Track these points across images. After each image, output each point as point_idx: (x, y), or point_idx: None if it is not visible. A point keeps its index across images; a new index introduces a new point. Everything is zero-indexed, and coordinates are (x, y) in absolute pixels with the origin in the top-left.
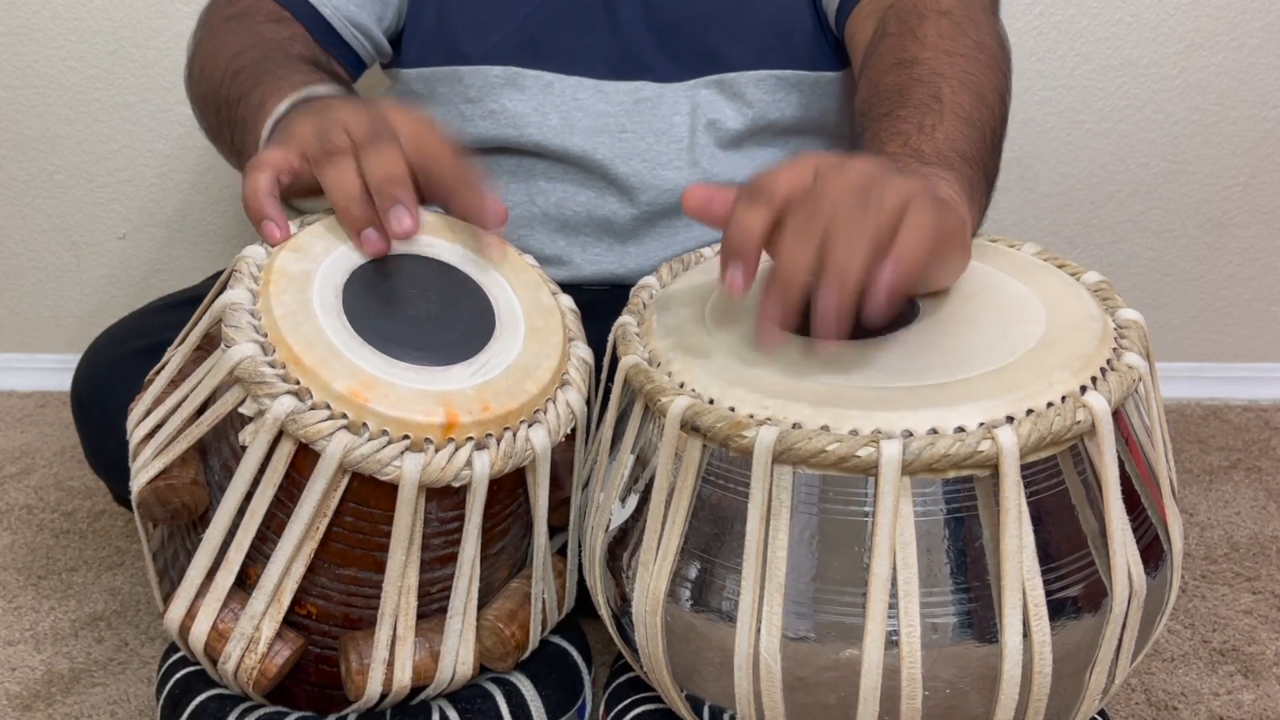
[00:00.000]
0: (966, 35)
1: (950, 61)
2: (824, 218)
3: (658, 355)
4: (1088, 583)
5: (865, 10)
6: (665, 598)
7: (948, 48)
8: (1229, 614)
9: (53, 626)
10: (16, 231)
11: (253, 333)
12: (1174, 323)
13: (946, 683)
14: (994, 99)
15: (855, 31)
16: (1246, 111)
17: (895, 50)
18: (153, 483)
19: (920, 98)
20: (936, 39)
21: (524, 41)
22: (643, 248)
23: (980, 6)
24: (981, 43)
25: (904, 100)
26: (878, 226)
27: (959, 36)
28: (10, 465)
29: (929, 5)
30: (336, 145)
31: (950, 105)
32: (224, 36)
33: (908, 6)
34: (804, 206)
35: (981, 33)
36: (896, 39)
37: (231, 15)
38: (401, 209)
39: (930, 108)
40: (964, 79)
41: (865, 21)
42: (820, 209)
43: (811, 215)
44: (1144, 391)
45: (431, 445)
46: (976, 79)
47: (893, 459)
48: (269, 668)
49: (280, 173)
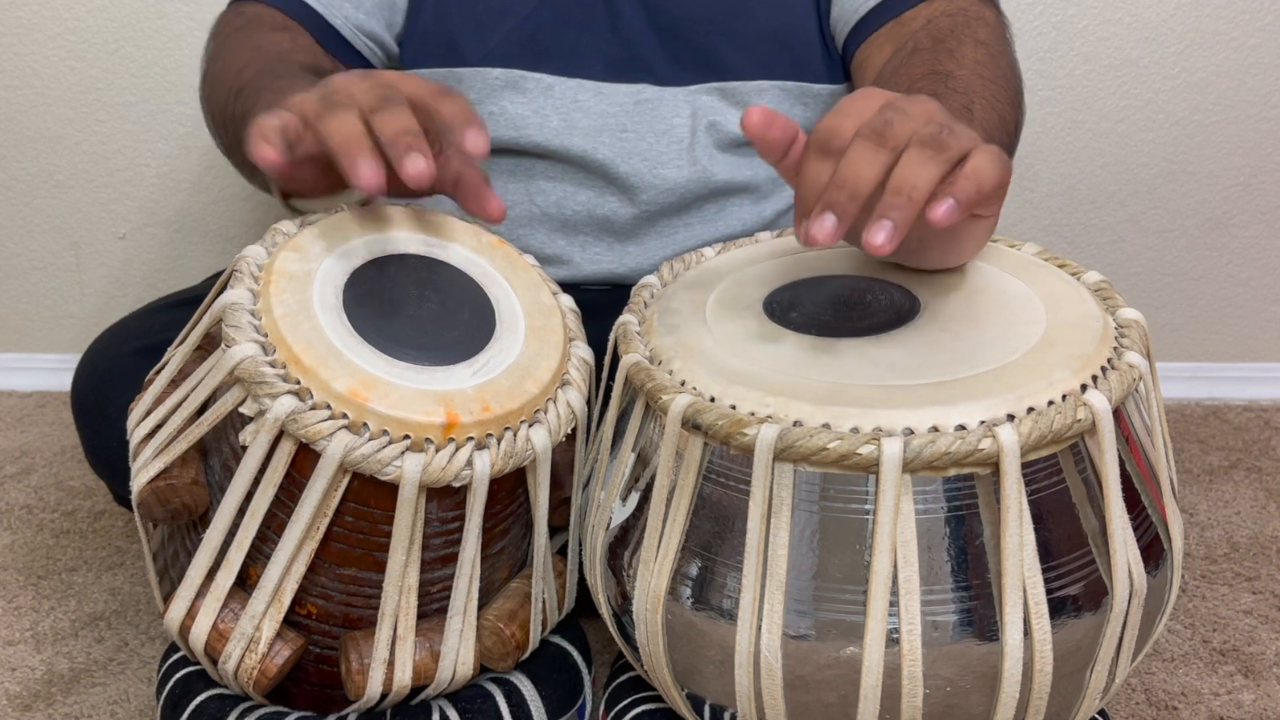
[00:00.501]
0: (998, 66)
1: (983, 85)
2: (895, 137)
3: (659, 354)
4: (1088, 581)
5: (884, 36)
6: (666, 596)
7: (982, 73)
8: (1229, 614)
9: (53, 626)
10: (16, 231)
11: (253, 333)
12: (1174, 323)
13: (947, 681)
14: (1011, 129)
15: (869, 55)
16: (1246, 111)
17: (930, 62)
18: (153, 483)
19: (954, 106)
20: (974, 64)
21: (524, 43)
22: (643, 247)
23: (1006, 41)
24: (1009, 77)
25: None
26: (948, 153)
27: (991, 65)
28: (10, 465)
29: (967, 34)
30: (338, 100)
31: (980, 120)
32: (230, 52)
33: (945, 29)
34: (878, 124)
35: (1007, 67)
36: (931, 54)
37: (239, 27)
38: (416, 154)
39: (962, 117)
40: (992, 103)
41: (882, 47)
42: (893, 128)
43: (883, 132)
44: (1144, 391)
45: (432, 445)
46: (1001, 107)
47: (894, 457)
48: (269, 668)
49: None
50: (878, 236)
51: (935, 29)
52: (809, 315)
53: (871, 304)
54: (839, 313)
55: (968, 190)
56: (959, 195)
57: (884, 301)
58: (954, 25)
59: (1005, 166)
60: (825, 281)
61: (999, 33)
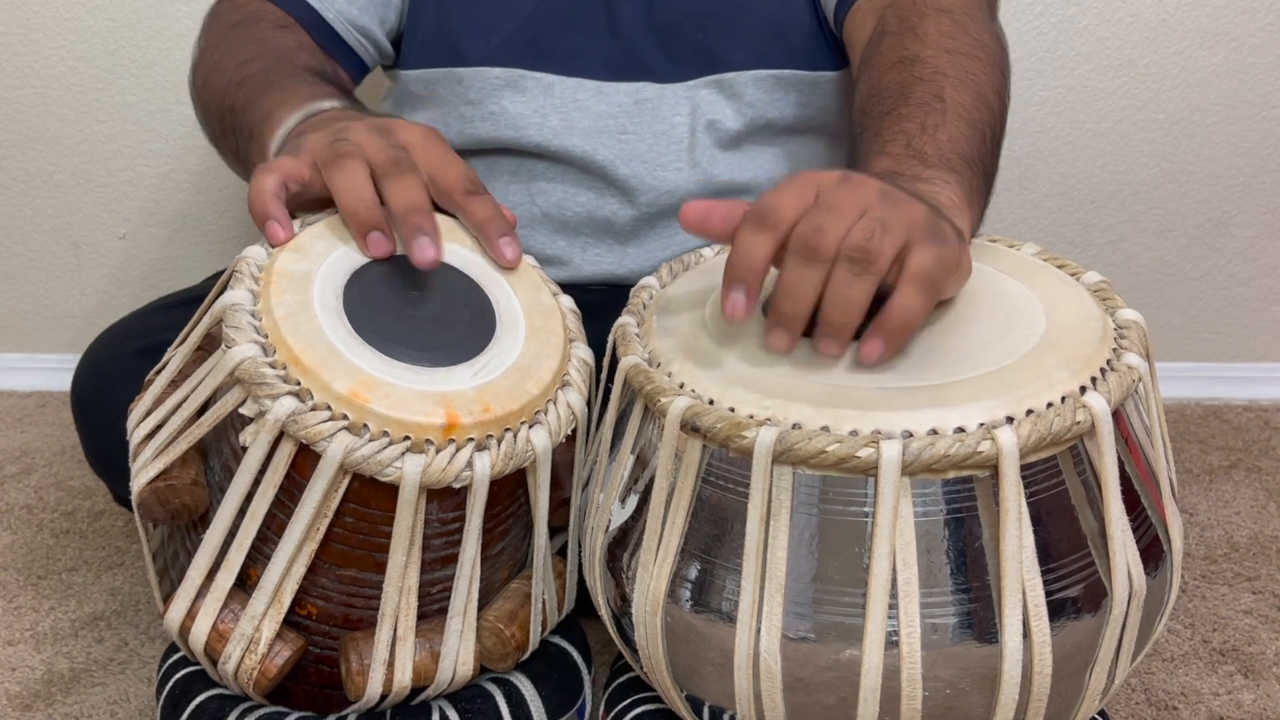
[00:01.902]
0: (967, 33)
1: (951, 60)
2: (825, 249)
3: (658, 355)
4: (1088, 583)
5: (864, 8)
6: (665, 598)
7: (948, 45)
8: (1229, 614)
9: (53, 626)
10: (16, 231)
11: (253, 333)
12: (1174, 323)
13: (946, 683)
14: (994, 98)
15: (854, 30)
16: (1246, 111)
17: (896, 48)
18: (153, 483)
19: (922, 96)
20: (937, 36)
21: (524, 43)
22: (643, 248)
23: (979, 5)
24: (981, 41)
25: (906, 98)
26: (878, 265)
27: (959, 34)
28: (10, 465)
29: (929, 3)
30: (347, 151)
31: (952, 105)
32: (230, 44)
33: (907, 4)
34: (807, 235)
35: (981, 31)
36: (897, 36)
37: (237, 21)
38: (426, 239)
39: (933, 107)
40: (965, 77)
41: (865, 19)
42: (824, 238)
43: (814, 246)
44: (1144, 392)
45: (432, 446)
46: (977, 78)
47: (892, 459)
48: (269, 668)
49: (289, 179)
50: (830, 349)
51: (899, 7)
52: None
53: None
54: None
55: (894, 328)
56: (886, 337)
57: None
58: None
59: (942, 262)
60: None
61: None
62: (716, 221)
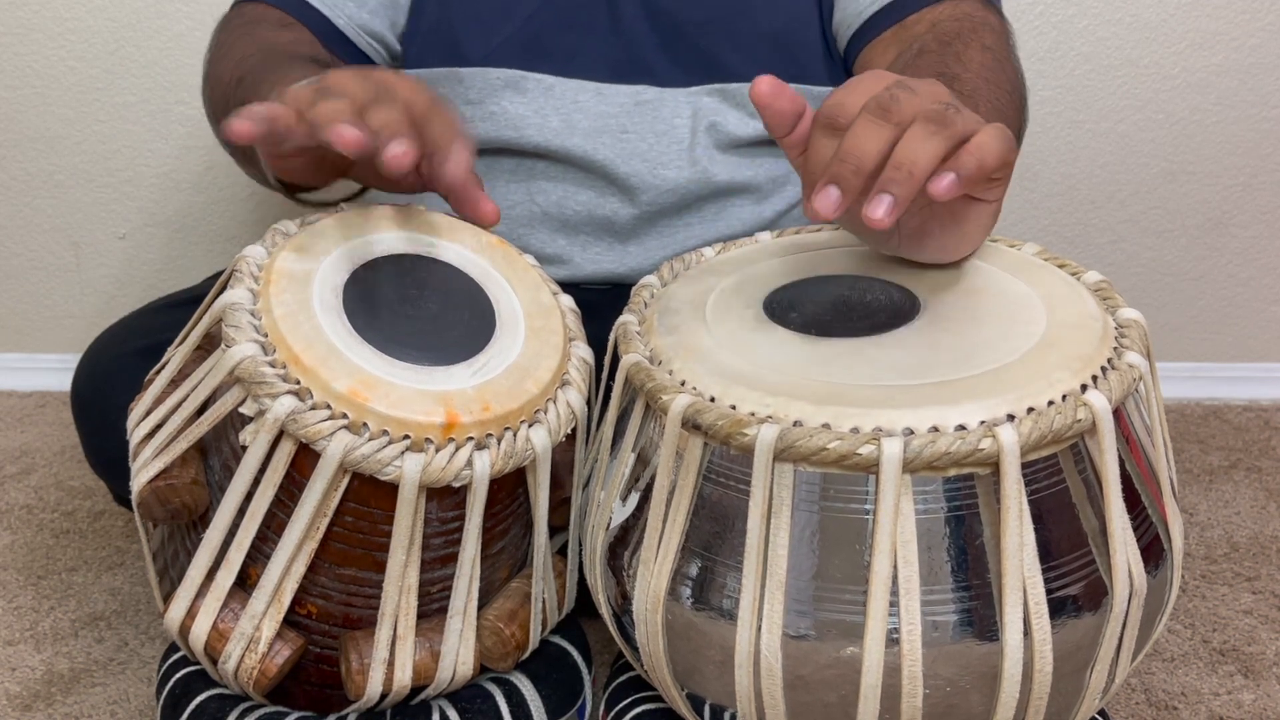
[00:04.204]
0: (1003, 72)
1: (989, 89)
2: (900, 113)
3: (659, 354)
4: (1088, 581)
5: (887, 39)
6: (666, 596)
7: (988, 77)
8: (1229, 614)
9: (53, 626)
10: (16, 231)
11: (253, 332)
12: (1174, 323)
13: (947, 681)
14: (1014, 133)
15: (872, 59)
16: (1246, 111)
17: (937, 64)
18: (153, 483)
19: None
20: (980, 68)
21: (525, 44)
22: (643, 247)
23: (1012, 49)
24: (1014, 83)
25: None
26: (952, 130)
27: (998, 71)
28: (10, 465)
29: (974, 38)
30: (333, 92)
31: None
32: (231, 48)
33: (952, 33)
34: (885, 99)
35: (1013, 74)
36: (938, 56)
37: (240, 25)
38: (399, 139)
39: None
40: (997, 106)
41: (885, 50)
42: (898, 104)
43: (888, 107)
44: (1144, 391)
45: (432, 445)
46: (1006, 112)
47: (894, 457)
48: (269, 667)
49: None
50: (877, 210)
51: (941, 32)
52: (809, 315)
53: (871, 304)
54: (839, 312)
55: (969, 165)
56: (961, 170)
57: (884, 301)
58: (960, 29)
59: (1010, 145)
60: (825, 281)
61: (1004, 39)
62: (784, 103)
